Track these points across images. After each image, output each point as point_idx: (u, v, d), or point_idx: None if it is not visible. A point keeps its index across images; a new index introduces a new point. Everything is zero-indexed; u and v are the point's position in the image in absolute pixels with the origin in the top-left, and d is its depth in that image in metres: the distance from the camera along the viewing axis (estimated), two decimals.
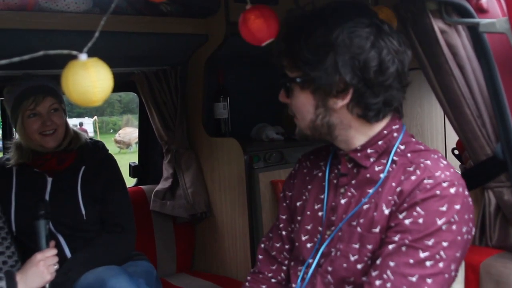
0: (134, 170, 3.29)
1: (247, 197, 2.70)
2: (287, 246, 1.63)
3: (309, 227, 1.51)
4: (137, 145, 3.43)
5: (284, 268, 1.64)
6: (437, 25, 1.46)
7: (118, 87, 3.16)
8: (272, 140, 3.06)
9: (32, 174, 2.33)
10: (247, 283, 1.67)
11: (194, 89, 2.96)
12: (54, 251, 1.95)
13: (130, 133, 18.07)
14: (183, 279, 2.98)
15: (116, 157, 2.56)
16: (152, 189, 3.06)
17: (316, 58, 1.30)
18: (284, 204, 1.65)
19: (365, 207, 1.38)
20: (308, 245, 1.50)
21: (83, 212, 2.29)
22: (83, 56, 1.08)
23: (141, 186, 3.19)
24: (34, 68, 2.38)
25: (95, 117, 23.77)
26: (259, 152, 2.79)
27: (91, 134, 23.60)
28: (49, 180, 2.33)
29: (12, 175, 2.33)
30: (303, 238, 1.51)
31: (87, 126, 25.79)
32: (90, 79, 1.04)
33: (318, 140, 1.46)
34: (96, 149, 2.47)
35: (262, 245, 1.70)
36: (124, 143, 18.18)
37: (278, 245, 1.65)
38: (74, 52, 1.08)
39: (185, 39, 2.65)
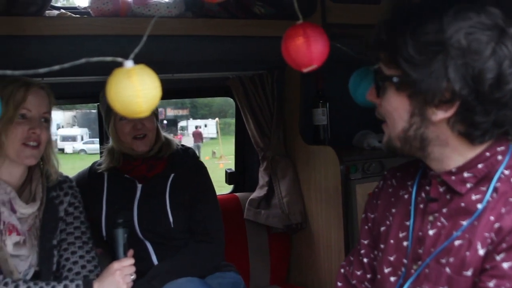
0: (230, 177, 3.23)
1: (342, 210, 2.53)
2: (368, 276, 1.45)
3: (392, 258, 1.32)
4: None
5: None
6: None
7: (214, 92, 3.20)
8: (374, 149, 2.84)
9: (122, 179, 2.34)
10: None
11: (292, 94, 2.84)
12: (131, 261, 1.92)
13: None
14: None
15: None
16: (247, 196, 2.97)
17: (422, 57, 1.10)
18: (366, 227, 1.47)
19: (456, 243, 1.16)
20: (392, 278, 1.31)
21: (171, 219, 2.26)
22: (128, 63, 1.00)
23: (236, 194, 3.11)
24: None
25: (217, 119, 24.58)
26: (357, 162, 2.61)
27: (213, 135, 24.78)
28: (139, 186, 2.32)
29: (103, 180, 2.35)
30: (386, 271, 1.33)
31: (210, 127, 27.07)
32: (133, 88, 0.96)
33: (406, 155, 1.26)
34: (186, 156, 2.43)
35: (342, 270, 1.52)
36: None
37: (359, 273, 1.47)
38: (119, 59, 1.01)
39: (280, 42, 2.54)
